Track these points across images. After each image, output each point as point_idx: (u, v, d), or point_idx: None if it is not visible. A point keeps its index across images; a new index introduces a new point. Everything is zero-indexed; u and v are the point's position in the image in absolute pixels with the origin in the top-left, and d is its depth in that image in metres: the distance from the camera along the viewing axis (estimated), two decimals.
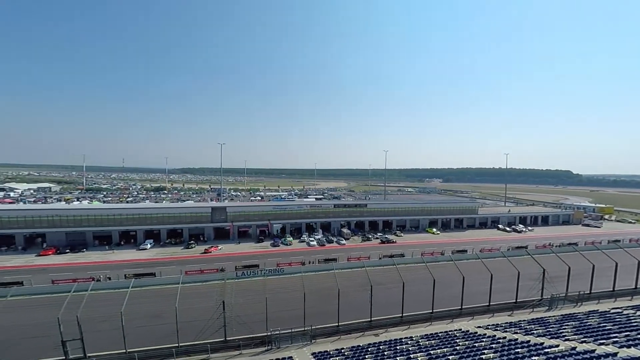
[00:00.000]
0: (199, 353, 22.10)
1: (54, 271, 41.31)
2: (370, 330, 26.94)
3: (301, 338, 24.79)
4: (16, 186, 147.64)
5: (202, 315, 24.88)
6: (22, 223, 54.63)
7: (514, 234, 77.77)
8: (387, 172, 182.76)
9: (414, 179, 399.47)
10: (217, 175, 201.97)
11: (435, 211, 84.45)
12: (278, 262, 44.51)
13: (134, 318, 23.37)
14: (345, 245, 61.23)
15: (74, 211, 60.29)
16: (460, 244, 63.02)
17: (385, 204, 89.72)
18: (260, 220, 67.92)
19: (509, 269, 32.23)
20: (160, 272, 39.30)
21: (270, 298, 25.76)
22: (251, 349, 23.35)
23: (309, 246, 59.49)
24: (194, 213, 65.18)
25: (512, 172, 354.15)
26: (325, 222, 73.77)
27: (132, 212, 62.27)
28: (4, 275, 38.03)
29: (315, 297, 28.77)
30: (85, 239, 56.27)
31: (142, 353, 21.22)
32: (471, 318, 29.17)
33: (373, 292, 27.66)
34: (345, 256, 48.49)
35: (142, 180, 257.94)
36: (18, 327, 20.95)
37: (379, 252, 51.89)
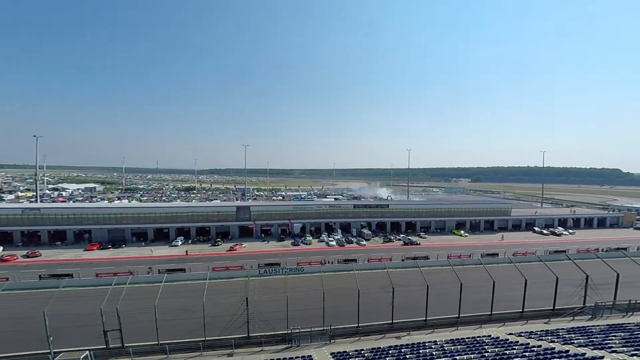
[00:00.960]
0: (224, 348, 23.07)
1: (98, 265, 45.30)
2: (392, 332, 26.43)
3: (320, 337, 24.94)
4: (67, 186, 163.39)
5: (227, 311, 26.01)
6: (72, 220, 60.56)
7: (552, 237, 72.14)
8: (411, 171, 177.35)
9: (440, 179, 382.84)
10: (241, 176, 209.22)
11: (462, 212, 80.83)
12: (298, 262, 45.11)
13: (166, 311, 24.85)
14: (365, 246, 60.55)
15: (115, 209, 65.76)
16: (491, 247, 59.71)
17: (408, 204, 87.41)
18: (281, 220, 69.34)
19: (545, 274, 30.15)
20: (190, 268, 41.52)
21: (290, 296, 26.24)
22: (272, 346, 23.94)
23: (328, 246, 59.72)
24: (220, 212, 68.22)
25: (550, 170, 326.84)
26: (345, 223, 73.52)
27: (165, 210, 66.60)
28: (57, 268, 42.43)
29: (334, 297, 28.83)
30: (124, 235, 60.96)
31: (173, 345, 22.60)
32: (502, 324, 27.66)
33: (395, 294, 27.10)
34: (366, 257, 47.93)
35: (174, 180, 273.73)
36: (68, 316, 23.31)
37: (401, 253, 50.66)
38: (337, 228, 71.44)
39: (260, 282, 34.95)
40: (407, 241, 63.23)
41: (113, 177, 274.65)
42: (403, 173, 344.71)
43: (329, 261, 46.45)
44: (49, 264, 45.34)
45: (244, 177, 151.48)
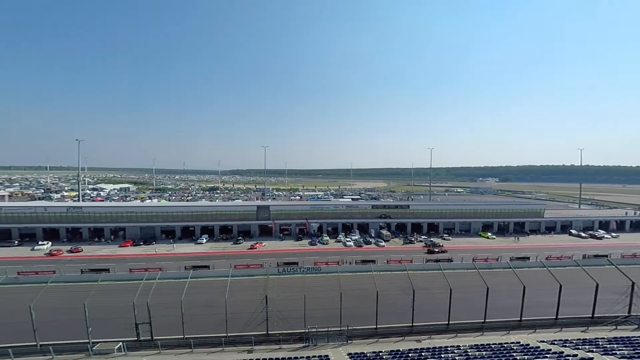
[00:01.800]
0: (244, 344, 23.85)
1: (131, 260, 48.43)
2: (412, 335, 25.96)
3: (337, 337, 25.02)
4: (105, 187, 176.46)
5: (247, 308, 26.79)
6: (109, 218, 65.34)
7: (591, 240, 66.63)
8: (433, 171, 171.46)
9: (465, 179, 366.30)
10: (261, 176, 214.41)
11: (490, 214, 76.95)
12: (315, 261, 45.35)
13: (191, 307, 26.12)
14: (384, 247, 59.58)
15: (146, 209, 70.01)
16: (521, 250, 56.38)
17: (430, 205, 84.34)
18: (299, 219, 70.17)
19: (583, 280, 28.19)
20: (213, 265, 43.13)
21: (307, 296, 26.53)
22: (290, 344, 24.38)
23: (346, 246, 59.47)
24: (242, 211, 70.41)
25: (590, 169, 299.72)
26: (363, 223, 72.69)
27: (190, 210, 69.81)
28: (95, 263, 46.10)
29: (351, 297, 28.75)
30: (154, 233, 64.68)
31: (197, 340, 23.65)
32: (532, 331, 26.21)
33: (415, 297, 26.52)
34: (385, 258, 47.21)
35: (199, 181, 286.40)
36: (105, 308, 25.16)
37: (422, 255, 49.38)
38: (354, 228, 70.94)
39: (278, 281, 35.65)
40: (429, 243, 61.34)
41: (144, 178, 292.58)
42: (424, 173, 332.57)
43: (347, 261, 46.26)
44: (89, 259, 49.36)
45: (263, 177, 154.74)
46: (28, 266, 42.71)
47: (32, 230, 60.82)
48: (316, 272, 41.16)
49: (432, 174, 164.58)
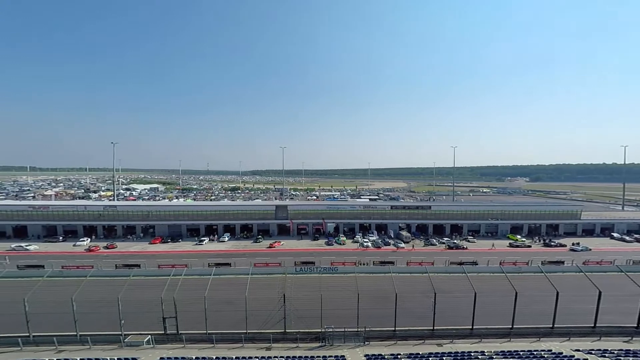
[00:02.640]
0: (263, 341, 24.48)
1: (160, 257, 51.30)
2: (432, 339, 25.31)
3: (354, 338, 24.97)
4: (136, 187, 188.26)
5: (266, 306, 27.49)
6: (140, 216, 69.54)
7: (636, 244, 60.71)
8: (456, 170, 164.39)
9: (491, 178, 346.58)
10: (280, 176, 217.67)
11: (519, 215, 72.69)
12: (332, 261, 45.35)
13: (213, 303, 27.06)
14: (404, 248, 58.24)
15: (174, 207, 73.82)
16: (555, 253, 52.94)
17: (453, 205, 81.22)
18: (316, 219, 70.52)
19: (626, 287, 26.31)
20: (235, 262, 44.63)
21: (324, 295, 26.67)
22: (306, 343, 24.68)
23: (363, 247, 58.81)
24: (261, 210, 72.17)
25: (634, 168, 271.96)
26: (381, 224, 71.47)
27: (214, 209, 72.58)
28: (128, 259, 49.23)
29: (368, 298, 28.60)
30: (181, 231, 68.06)
31: (218, 335, 24.61)
32: (566, 339, 24.64)
33: (437, 300, 25.81)
34: (404, 260, 46.17)
35: (222, 181, 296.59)
36: (136, 302, 26.92)
37: (445, 258, 47.63)
38: (372, 229, 70.00)
39: (296, 280, 36.19)
40: (452, 245, 59.15)
41: (172, 178, 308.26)
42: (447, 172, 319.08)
43: (364, 262, 45.87)
44: (122, 255, 52.89)
45: (281, 177, 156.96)
46: (70, 260, 46.71)
47: (74, 228, 66.37)
48: (333, 272, 41.27)
49: (455, 173, 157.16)
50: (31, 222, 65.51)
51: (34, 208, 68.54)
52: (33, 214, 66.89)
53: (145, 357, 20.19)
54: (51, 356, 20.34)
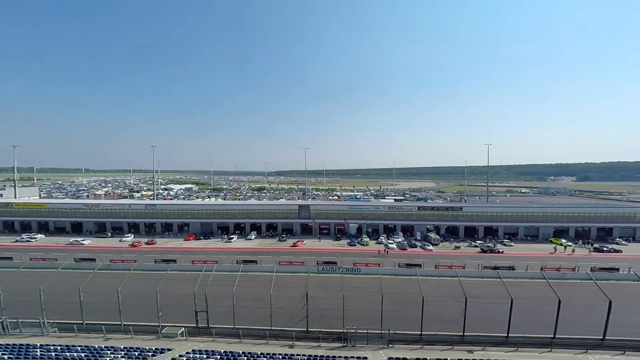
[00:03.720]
0: (286, 339, 24.72)
1: (193, 253, 53.89)
2: (462, 345, 24.08)
3: (377, 340, 24.44)
4: (173, 187, 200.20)
5: (289, 304, 27.80)
6: (176, 214, 73.72)
7: None
8: (491, 169, 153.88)
9: (531, 177, 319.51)
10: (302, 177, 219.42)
11: (564, 217, 66.41)
12: (355, 262, 44.76)
13: (241, 299, 27.83)
14: (432, 251, 55.84)
15: (206, 206, 77.26)
16: (607, 260, 48.02)
17: (487, 207, 75.54)
18: (338, 219, 69.85)
19: None
20: (260, 260, 45.59)
21: (346, 296, 26.38)
22: (328, 342, 24.55)
23: (388, 248, 57.13)
24: (285, 210, 73.10)
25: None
26: (407, 225, 68.97)
27: (242, 208, 74.92)
28: (166, 254, 52.27)
29: (392, 301, 27.80)
30: (212, 228, 71.18)
31: (245, 331, 25.26)
32: (620, 353, 22.27)
33: (468, 305, 24.50)
34: (432, 263, 44.24)
35: (249, 181, 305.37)
36: (172, 296, 28.60)
37: (478, 262, 44.81)
38: (398, 231, 67.77)
39: (318, 279, 36.25)
40: (485, 248, 55.78)
41: (204, 179, 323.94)
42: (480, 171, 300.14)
43: (389, 264, 44.66)
44: (161, 251, 56.38)
45: (304, 177, 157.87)
46: (117, 255, 50.77)
47: (120, 224, 72.11)
48: (355, 273, 40.81)
49: (489, 172, 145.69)
50: (85, 219, 72.23)
51: (88, 206, 75.46)
52: (87, 212, 73.65)
53: (179, 348, 21.36)
54: (100, 343, 22.22)
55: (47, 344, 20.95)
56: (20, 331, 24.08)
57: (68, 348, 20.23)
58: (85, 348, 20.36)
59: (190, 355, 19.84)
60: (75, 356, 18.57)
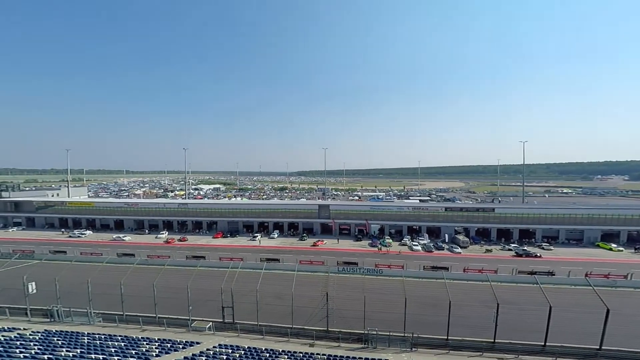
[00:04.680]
0: (306, 337, 24.79)
1: (221, 250, 56.01)
2: (492, 352, 22.71)
3: (400, 343, 23.71)
4: (203, 187, 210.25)
5: (309, 303, 27.94)
6: (206, 213, 77.19)
7: None
8: (527, 167, 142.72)
9: (574, 177, 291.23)
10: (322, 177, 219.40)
11: (614, 220, 60.49)
12: (377, 263, 43.84)
13: (264, 296, 28.39)
14: (460, 254, 53.01)
15: (232, 205, 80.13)
16: None
17: (523, 208, 70.30)
18: (358, 219, 68.78)
19: None
20: (282, 259, 46.24)
21: (367, 297, 25.93)
22: (349, 343, 24.25)
23: (412, 250, 55.22)
24: (305, 210, 73.55)
25: None
26: (433, 227, 66.08)
27: (265, 207, 76.75)
28: (196, 251, 54.89)
29: (416, 304, 26.95)
30: (238, 227, 73.63)
31: (267, 327, 25.71)
32: None
33: (500, 312, 23.03)
34: (460, 266, 42.14)
35: (272, 181, 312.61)
36: (201, 291, 29.77)
37: (512, 266, 42.05)
38: (423, 232, 65.11)
39: (338, 279, 35.94)
40: (520, 252, 52.07)
41: (231, 179, 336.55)
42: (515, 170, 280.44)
43: (413, 266, 43.19)
44: (192, 247, 59.34)
45: (324, 177, 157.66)
46: (153, 251, 54.34)
47: (156, 222, 76.95)
48: (377, 274, 40.01)
49: (525, 171, 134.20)
50: (126, 217, 78.05)
51: (128, 205, 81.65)
52: (127, 210, 79.63)
53: (206, 342, 22.28)
54: (137, 334, 23.81)
55: (92, 333, 22.87)
56: (72, 319, 26.57)
57: (110, 337, 21.94)
58: (125, 338, 21.94)
59: (217, 349, 20.58)
60: (116, 345, 20.05)
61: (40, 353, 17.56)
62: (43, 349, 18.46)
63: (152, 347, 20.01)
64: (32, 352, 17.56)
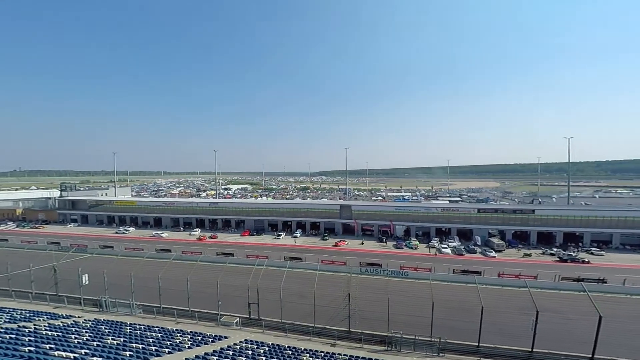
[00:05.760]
0: (328, 337, 24.73)
1: (248, 248, 58.16)
2: None
3: (426, 348, 22.88)
4: (231, 187, 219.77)
5: (332, 303, 27.84)
6: (234, 212, 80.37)
7: None
8: (574, 166, 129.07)
9: (630, 175, 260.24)
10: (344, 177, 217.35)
11: None
12: (402, 265, 42.50)
13: (287, 294, 28.72)
14: (495, 258, 49.77)
15: (258, 205, 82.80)
16: None
17: (569, 209, 64.36)
18: (382, 220, 67.11)
19: None
20: (304, 258, 46.61)
21: (391, 299, 25.30)
22: (371, 345, 23.80)
23: (441, 253, 52.76)
24: (327, 209, 73.52)
25: None
26: (465, 229, 62.59)
27: (288, 207, 78.05)
28: (225, 248, 57.30)
29: (444, 308, 25.89)
30: (263, 225, 75.82)
31: (290, 325, 26.02)
32: None
33: (540, 320, 21.35)
34: (495, 271, 39.64)
35: (295, 181, 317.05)
36: (228, 286, 31.11)
37: (555, 272, 38.75)
38: (453, 234, 62.15)
39: (360, 280, 35.47)
40: (565, 257, 47.83)
41: (256, 180, 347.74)
42: (559, 168, 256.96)
43: (441, 270, 41.48)
44: (221, 244, 62.00)
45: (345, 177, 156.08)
46: (187, 247, 57.81)
47: (190, 220, 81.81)
48: (402, 277, 38.82)
49: (571, 169, 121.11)
50: (164, 214, 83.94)
51: (166, 204, 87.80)
52: (165, 209, 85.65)
53: (233, 336, 23.17)
54: (172, 326, 25.45)
55: (134, 323, 24.88)
56: (117, 310, 29.17)
57: (149, 328, 23.72)
58: (161, 329, 23.58)
59: (243, 344, 21.30)
60: (153, 336, 21.63)
61: (90, 340, 19.47)
62: (93, 336, 20.45)
63: (184, 340, 21.25)
64: (84, 339, 19.51)
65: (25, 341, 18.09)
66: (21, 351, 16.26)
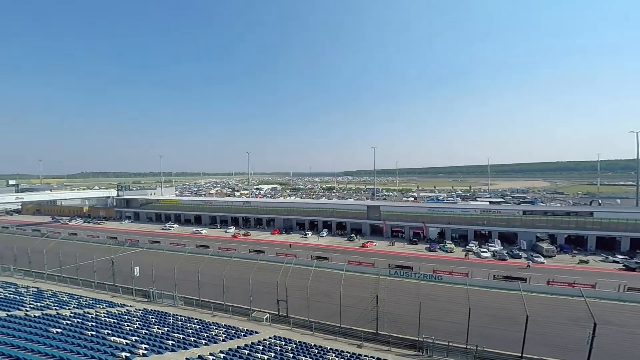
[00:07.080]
0: (354, 338, 24.33)
1: (277, 246, 59.66)
2: None
3: (461, 355, 21.52)
4: (263, 187, 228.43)
5: (358, 304, 27.30)
6: (265, 211, 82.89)
7: None
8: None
9: None
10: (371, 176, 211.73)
11: None
12: (435, 269, 40.31)
13: (313, 293, 28.91)
14: (543, 264, 45.31)
15: (287, 204, 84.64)
16: None
17: (636, 212, 56.34)
18: (414, 222, 64.16)
19: None
20: (331, 257, 46.43)
21: (423, 304, 24.14)
22: (400, 349, 22.92)
23: (479, 257, 49.15)
24: (354, 210, 72.45)
25: None
26: (508, 232, 57.64)
27: (315, 206, 78.58)
28: (257, 245, 59.38)
29: (482, 316, 24.14)
30: (292, 224, 77.43)
31: (317, 324, 26.07)
32: None
33: (598, 333, 19.13)
34: (543, 278, 36.17)
35: (321, 181, 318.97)
36: (260, 283, 31.64)
37: (618, 281, 34.16)
38: (494, 238, 57.51)
39: (389, 282, 34.33)
40: (633, 265, 42.27)
41: (285, 180, 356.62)
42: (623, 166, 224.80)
43: (480, 275, 38.52)
44: (254, 242, 64.53)
45: (373, 177, 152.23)
46: (223, 244, 61.18)
47: (225, 218, 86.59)
48: (435, 280, 36.83)
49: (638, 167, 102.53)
50: (203, 213, 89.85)
51: (205, 203, 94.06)
52: (204, 207, 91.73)
53: (263, 332, 23.91)
54: (209, 318, 26.98)
55: (176, 314, 26.96)
56: (162, 300, 31.89)
57: (189, 319, 25.54)
58: (200, 321, 25.23)
59: (272, 340, 21.91)
60: (192, 327, 23.28)
61: (140, 328, 21.58)
62: (142, 324, 22.62)
63: (219, 332, 22.50)
64: (135, 327, 21.69)
65: (88, 326, 20.66)
66: (85, 335, 18.63)
